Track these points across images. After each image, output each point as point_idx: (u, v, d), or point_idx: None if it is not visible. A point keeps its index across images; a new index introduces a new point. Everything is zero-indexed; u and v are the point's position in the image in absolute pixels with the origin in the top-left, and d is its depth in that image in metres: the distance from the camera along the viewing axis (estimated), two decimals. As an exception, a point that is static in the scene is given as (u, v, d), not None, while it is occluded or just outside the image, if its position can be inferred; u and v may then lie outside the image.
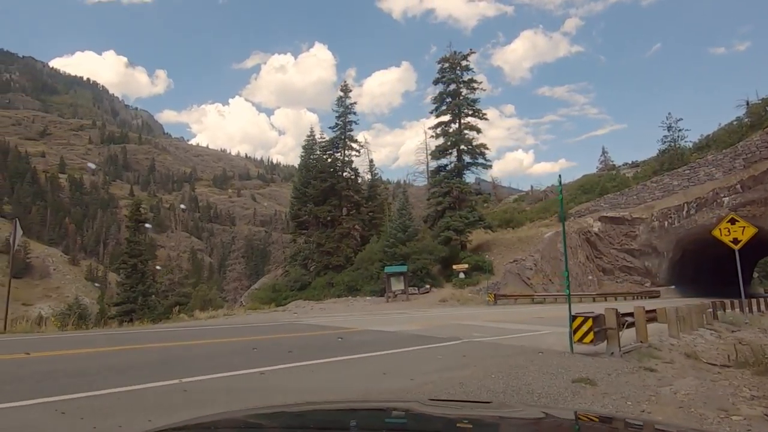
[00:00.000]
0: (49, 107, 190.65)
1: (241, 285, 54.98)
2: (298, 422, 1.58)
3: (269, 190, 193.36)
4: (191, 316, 17.99)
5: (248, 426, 1.52)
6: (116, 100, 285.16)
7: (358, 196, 43.58)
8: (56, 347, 7.40)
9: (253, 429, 1.51)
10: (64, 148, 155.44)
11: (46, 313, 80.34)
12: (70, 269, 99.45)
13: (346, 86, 44.57)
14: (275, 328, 11.57)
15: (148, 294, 25.36)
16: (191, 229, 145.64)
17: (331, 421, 1.60)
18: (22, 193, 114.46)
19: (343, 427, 1.52)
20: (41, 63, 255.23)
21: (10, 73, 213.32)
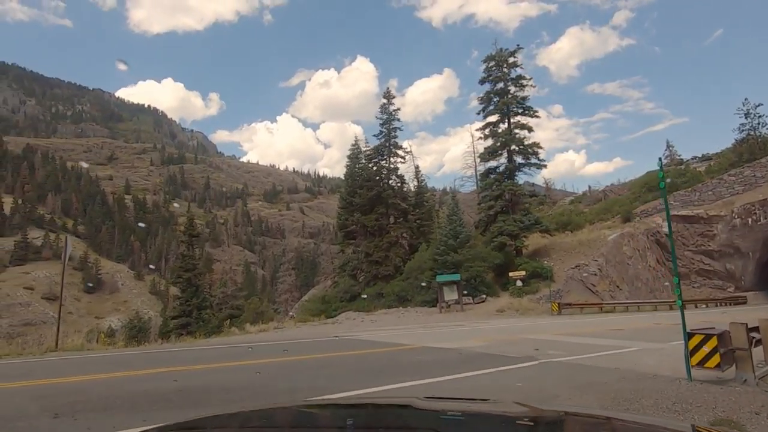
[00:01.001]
0: (115, 134, 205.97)
1: (292, 297, 55.52)
2: (295, 420, 1.59)
3: (317, 203, 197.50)
4: (242, 330, 17.72)
5: (246, 424, 1.52)
6: (174, 124, 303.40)
7: (405, 203, 42.70)
8: (90, 370, 6.96)
9: (251, 427, 1.51)
10: (129, 170, 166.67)
11: (116, 326, 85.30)
12: (136, 284, 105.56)
13: (389, 93, 44.10)
14: (326, 345, 10.80)
15: (203, 307, 25.74)
16: (244, 243, 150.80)
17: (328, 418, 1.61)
18: (93, 214, 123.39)
19: (340, 425, 1.50)
20: (108, 93, 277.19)
21: (82, 105, 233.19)
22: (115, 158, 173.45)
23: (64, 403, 4.64)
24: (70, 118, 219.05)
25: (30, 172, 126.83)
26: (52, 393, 5.39)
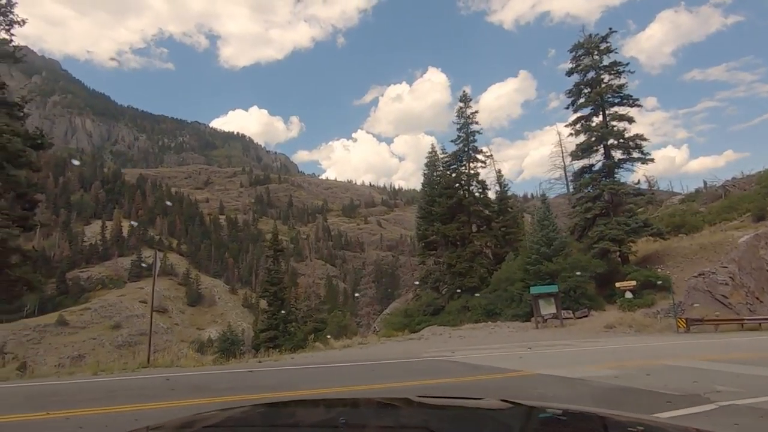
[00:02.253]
0: (210, 160, 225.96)
1: (374, 310, 55.22)
2: (290, 415, 1.60)
3: (393, 215, 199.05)
4: (326, 345, 17.12)
5: (241, 422, 1.53)
6: (260, 148, 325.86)
7: (487, 210, 40.37)
8: (164, 396, 6.36)
9: (246, 425, 1.51)
10: (222, 193, 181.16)
11: (214, 337, 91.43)
12: (230, 297, 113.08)
13: (466, 96, 42.30)
14: (418, 367, 9.51)
15: (289, 321, 25.94)
16: (326, 257, 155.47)
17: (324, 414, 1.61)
18: (193, 234, 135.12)
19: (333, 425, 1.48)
20: (204, 125, 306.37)
21: (182, 137, 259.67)
22: (210, 182, 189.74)
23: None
24: (174, 149, 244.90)
25: (142, 199, 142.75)
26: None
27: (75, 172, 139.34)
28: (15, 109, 14.56)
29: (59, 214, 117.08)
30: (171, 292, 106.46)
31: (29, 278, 14.19)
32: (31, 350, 70.30)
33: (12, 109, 14.49)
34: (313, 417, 1.59)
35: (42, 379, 8.02)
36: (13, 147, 13.55)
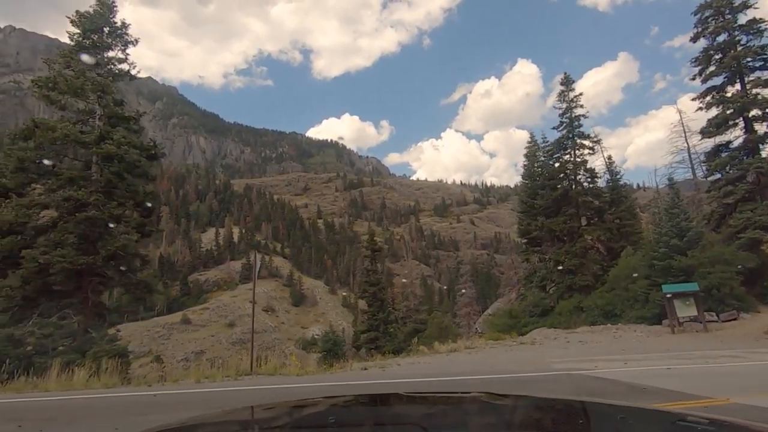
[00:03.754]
0: (307, 168, 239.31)
1: (473, 310, 52.94)
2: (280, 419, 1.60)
3: (486, 213, 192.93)
4: (431, 349, 15.99)
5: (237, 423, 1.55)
6: (352, 153, 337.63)
7: (598, 201, 36.18)
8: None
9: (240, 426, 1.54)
10: (319, 198, 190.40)
11: (317, 335, 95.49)
12: (330, 298, 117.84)
13: (567, 78, 38.49)
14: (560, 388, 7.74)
15: (389, 322, 25.40)
16: (419, 257, 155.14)
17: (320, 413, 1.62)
18: (294, 237, 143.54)
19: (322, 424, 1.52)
20: (301, 135, 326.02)
21: (282, 147, 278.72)
22: (308, 188, 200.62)
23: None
24: (275, 160, 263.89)
25: (249, 207, 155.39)
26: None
27: (192, 184, 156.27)
28: (131, 123, 15.69)
29: (180, 223, 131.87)
30: (277, 293, 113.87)
31: (149, 281, 15.18)
32: (162, 345, 79.48)
33: (128, 123, 15.63)
34: (303, 416, 1.59)
35: (146, 388, 7.97)
36: (131, 158, 14.54)
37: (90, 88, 14.60)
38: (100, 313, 14.82)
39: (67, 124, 14.22)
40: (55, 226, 13.84)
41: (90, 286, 14.13)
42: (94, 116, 15.33)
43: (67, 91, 14.34)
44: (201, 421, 1.53)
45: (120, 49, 15.67)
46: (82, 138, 14.02)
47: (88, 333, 14.12)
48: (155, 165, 17.12)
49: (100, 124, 15.13)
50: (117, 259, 14.57)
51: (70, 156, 14.74)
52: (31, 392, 6.92)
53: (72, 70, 14.77)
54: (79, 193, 13.35)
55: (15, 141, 13.98)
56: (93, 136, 14.30)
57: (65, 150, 14.78)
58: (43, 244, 13.12)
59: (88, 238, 13.97)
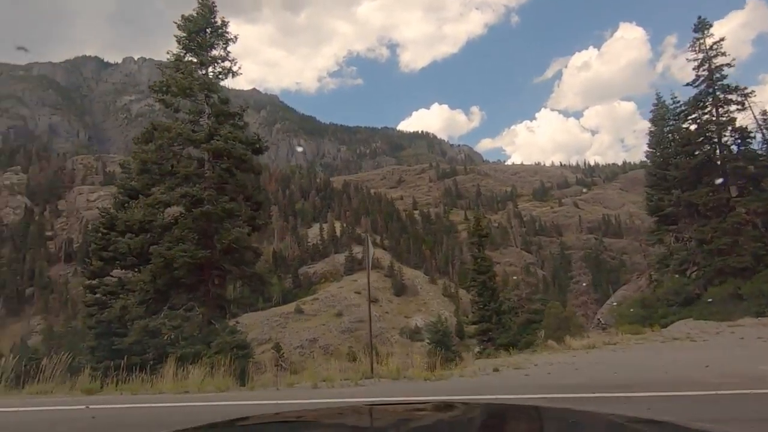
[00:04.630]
0: (400, 161, 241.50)
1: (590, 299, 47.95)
2: None
3: (591, 195, 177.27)
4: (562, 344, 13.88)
5: None
6: (443, 143, 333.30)
7: (753, 166, 29.88)
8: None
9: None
10: (414, 189, 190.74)
11: (420, 324, 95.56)
12: (431, 287, 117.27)
13: (702, 23, 32.32)
14: None
15: (501, 312, 23.44)
16: (520, 244, 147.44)
17: None
18: (392, 229, 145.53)
19: None
20: (392, 129, 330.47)
21: (375, 143, 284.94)
22: (402, 181, 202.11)
23: None
24: (369, 155, 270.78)
25: (348, 202, 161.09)
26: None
27: (296, 184, 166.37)
28: (236, 119, 15.93)
29: (288, 220, 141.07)
30: (379, 283, 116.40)
31: (262, 274, 15.35)
32: (280, 333, 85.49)
33: (234, 119, 15.89)
34: None
35: (260, 393, 7.34)
36: (237, 152, 14.68)
37: (197, 88, 15.05)
38: (221, 305, 15.30)
39: (180, 124, 14.79)
40: (176, 223, 14.45)
41: (210, 279, 14.58)
42: (203, 115, 15.79)
43: (179, 92, 14.91)
44: None
45: (222, 47, 15.95)
46: (193, 136, 14.48)
47: (211, 324, 14.58)
48: (263, 167, 17.31)
49: (208, 122, 15.55)
50: (232, 253, 14.84)
51: (185, 155, 15.34)
52: (146, 393, 6.78)
53: (181, 73, 15.31)
54: (194, 189, 13.77)
55: (138, 145, 14.85)
56: (203, 134, 14.69)
57: (181, 150, 15.41)
58: (167, 240, 13.73)
59: (205, 232, 14.39)
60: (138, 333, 13.13)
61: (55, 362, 6.92)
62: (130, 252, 14.31)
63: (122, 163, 17.62)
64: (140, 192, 15.57)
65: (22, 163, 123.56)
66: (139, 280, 13.63)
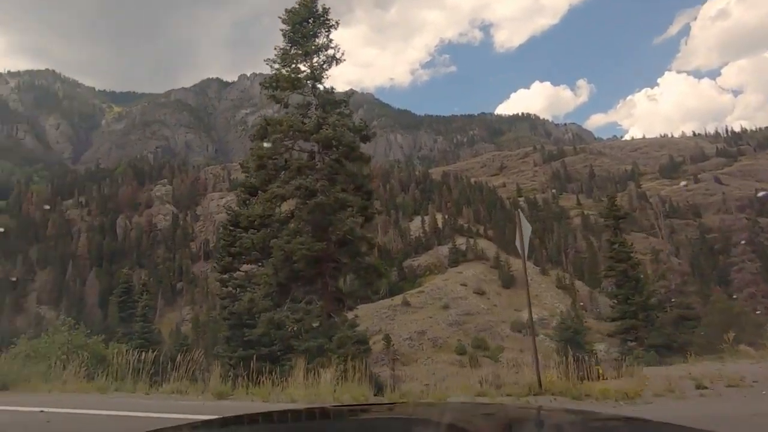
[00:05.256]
0: (500, 146, 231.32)
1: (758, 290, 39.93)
2: None
3: (738, 167, 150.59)
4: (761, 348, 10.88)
5: None
6: (547, 123, 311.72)
7: None
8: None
9: None
10: (517, 175, 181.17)
11: (533, 318, 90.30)
12: (542, 279, 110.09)
13: None
14: None
15: (648, 307, 19.91)
16: (646, 228, 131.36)
17: None
18: (496, 218, 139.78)
19: None
20: (489, 114, 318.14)
21: (472, 130, 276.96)
22: (504, 167, 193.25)
23: None
24: (467, 144, 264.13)
25: (448, 193, 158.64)
26: None
27: (396, 178, 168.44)
28: (342, 106, 15.48)
29: (390, 214, 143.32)
30: (485, 275, 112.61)
31: (377, 265, 14.74)
32: (389, 325, 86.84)
33: (340, 106, 15.45)
34: None
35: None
36: (347, 140, 14.16)
37: (304, 78, 14.86)
38: (338, 297, 15.01)
39: (290, 117, 14.73)
40: (292, 216, 14.41)
41: (327, 272, 14.32)
42: (311, 106, 15.60)
43: (287, 86, 14.88)
44: None
45: (324, 35, 15.60)
46: (303, 127, 14.29)
47: (330, 318, 14.30)
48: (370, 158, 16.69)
49: (316, 113, 15.31)
50: (346, 244, 14.41)
51: (296, 148, 15.29)
52: (277, 399, 6.23)
53: (288, 66, 15.25)
54: (307, 181, 13.54)
55: (255, 142, 15.11)
56: (312, 124, 14.45)
57: (292, 144, 15.38)
58: (285, 233, 13.71)
59: (319, 224, 14.15)
60: (265, 325, 13.29)
61: (189, 359, 6.82)
62: (253, 246, 14.64)
63: (242, 163, 18.34)
64: (259, 188, 15.94)
65: (168, 176, 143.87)
66: (263, 274, 13.83)
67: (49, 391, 5.99)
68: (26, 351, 8.80)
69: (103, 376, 6.68)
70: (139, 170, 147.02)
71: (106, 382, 6.09)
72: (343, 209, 14.33)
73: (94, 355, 8.75)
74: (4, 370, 6.34)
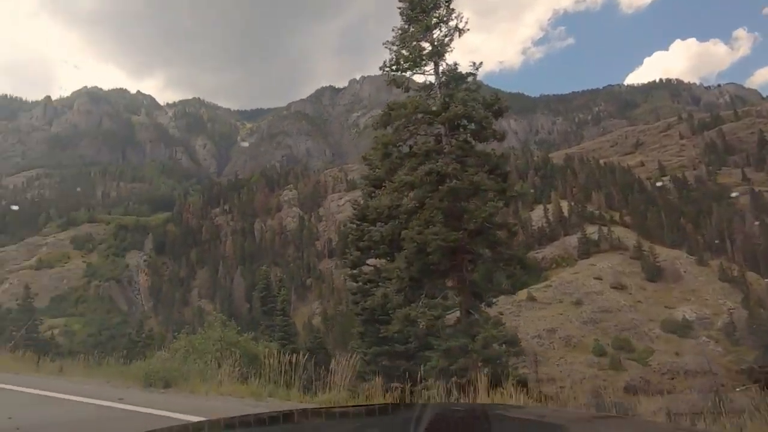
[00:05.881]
0: (633, 121, 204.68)
1: None
2: None
3: None
4: None
5: None
6: (693, 87, 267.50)
7: None
8: None
9: None
10: (658, 151, 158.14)
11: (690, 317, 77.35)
12: (699, 270, 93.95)
13: None
14: None
15: None
16: None
17: None
18: (634, 203, 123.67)
19: None
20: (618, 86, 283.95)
21: (597, 106, 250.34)
22: (640, 143, 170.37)
23: None
24: (591, 122, 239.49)
25: (573, 177, 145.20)
26: None
27: (512, 167, 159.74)
28: (469, 79, 14.00)
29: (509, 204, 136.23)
30: (624, 267, 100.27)
31: (520, 256, 12.99)
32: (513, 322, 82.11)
33: (466, 80, 13.98)
34: None
35: None
36: (479, 115, 12.67)
37: (427, 56, 13.73)
38: (476, 292, 13.59)
39: (414, 98, 13.74)
40: (421, 205, 13.40)
41: (463, 264, 13.00)
42: (433, 87, 14.41)
43: (408, 66, 13.92)
44: None
45: (444, 5, 14.23)
46: (429, 107, 13.15)
47: (470, 315, 12.97)
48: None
49: (441, 92, 14.07)
50: (482, 233, 12.92)
51: (421, 132, 14.25)
52: None
53: (407, 46, 14.27)
54: (438, 165, 12.37)
55: (378, 130, 14.47)
56: (438, 103, 13.24)
57: (416, 129, 14.37)
58: (416, 223, 12.77)
59: (453, 212, 12.89)
60: (400, 322, 12.50)
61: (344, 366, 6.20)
62: (382, 239, 14.00)
63: (364, 155, 17.93)
64: (384, 180, 15.31)
65: (293, 182, 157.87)
66: (395, 268, 13.06)
67: (206, 392, 5.92)
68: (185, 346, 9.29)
69: (256, 378, 6.43)
70: (269, 178, 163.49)
71: (259, 386, 5.81)
72: (478, 194, 12.87)
73: (245, 353, 8.87)
74: (167, 367, 6.47)
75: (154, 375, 6.35)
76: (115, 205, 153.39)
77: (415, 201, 13.71)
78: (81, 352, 49.29)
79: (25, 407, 5.66)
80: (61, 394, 5.82)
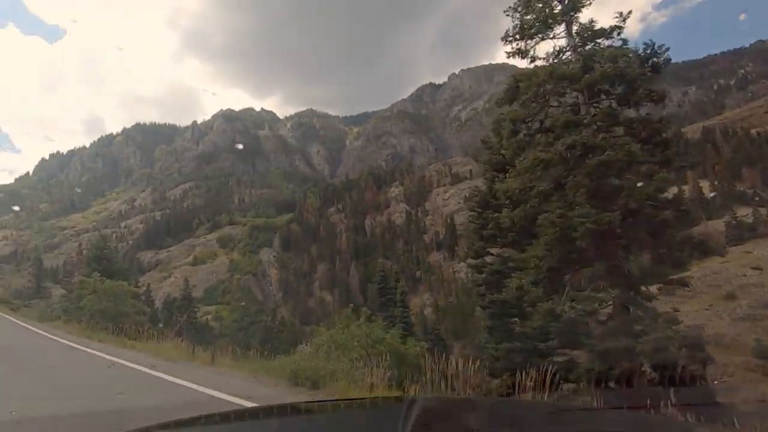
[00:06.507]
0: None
1: None
2: None
3: None
4: None
5: None
6: None
7: None
8: None
9: None
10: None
11: None
12: None
13: None
14: None
15: None
16: None
17: None
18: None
19: None
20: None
21: (742, 68, 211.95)
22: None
23: None
24: (735, 87, 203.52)
25: (715, 153, 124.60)
26: None
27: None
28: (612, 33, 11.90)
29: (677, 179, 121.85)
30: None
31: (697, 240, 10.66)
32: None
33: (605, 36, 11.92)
34: None
35: None
36: (633, 72, 10.64)
37: (559, 13, 11.99)
38: (632, 284, 11.56)
39: (545, 64, 12.12)
40: (560, 185, 11.75)
41: (616, 251, 11.11)
42: (565, 49, 12.60)
43: (536, 28, 12.30)
44: None
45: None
46: (567, 71, 11.40)
47: (626, 310, 11.06)
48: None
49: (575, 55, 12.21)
50: (639, 213, 10.89)
51: (553, 104, 12.56)
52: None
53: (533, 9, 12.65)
54: (583, 136, 10.64)
55: (503, 107, 13.14)
56: (577, 67, 11.43)
57: (547, 100, 12.70)
58: (556, 206, 11.20)
59: (600, 191, 11.05)
60: (542, 316, 11.07)
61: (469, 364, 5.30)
62: (513, 226, 12.63)
63: (484, 139, 16.69)
64: (507, 162, 13.94)
65: (399, 178, 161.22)
66: (532, 256, 11.62)
67: (360, 400, 5.34)
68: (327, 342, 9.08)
69: (411, 384, 5.73)
70: (377, 177, 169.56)
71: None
72: (632, 167, 10.87)
73: (392, 352, 8.34)
74: (313, 366, 6.08)
75: (301, 374, 6.03)
76: (248, 209, 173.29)
77: (550, 182, 12.12)
78: (228, 335, 54.44)
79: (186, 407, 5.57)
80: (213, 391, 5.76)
